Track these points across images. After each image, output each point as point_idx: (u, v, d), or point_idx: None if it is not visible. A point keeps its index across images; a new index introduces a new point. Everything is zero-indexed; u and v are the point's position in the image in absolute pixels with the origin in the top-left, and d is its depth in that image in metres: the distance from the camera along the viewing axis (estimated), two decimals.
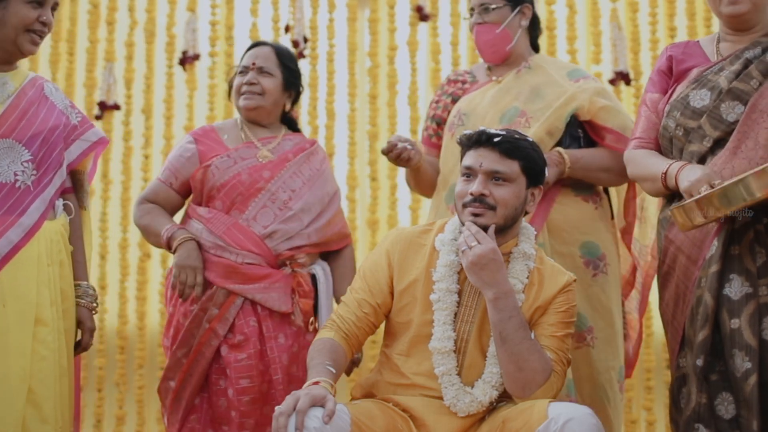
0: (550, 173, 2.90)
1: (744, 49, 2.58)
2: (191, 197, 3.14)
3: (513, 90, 3.10)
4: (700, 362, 2.42)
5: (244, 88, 3.13)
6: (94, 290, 2.78)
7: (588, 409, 2.35)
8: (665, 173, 2.55)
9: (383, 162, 4.67)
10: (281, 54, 3.19)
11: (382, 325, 2.68)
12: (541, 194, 2.64)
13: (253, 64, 3.13)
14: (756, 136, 2.44)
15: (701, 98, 2.55)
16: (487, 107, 3.08)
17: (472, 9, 3.17)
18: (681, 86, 2.63)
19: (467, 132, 2.63)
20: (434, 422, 2.47)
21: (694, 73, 2.63)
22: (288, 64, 3.19)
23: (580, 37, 4.71)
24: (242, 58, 3.21)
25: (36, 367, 2.51)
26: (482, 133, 2.57)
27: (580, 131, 3.11)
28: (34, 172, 2.62)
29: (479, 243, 2.42)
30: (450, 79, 3.30)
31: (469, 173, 2.56)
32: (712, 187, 2.33)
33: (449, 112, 3.22)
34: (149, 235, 3.11)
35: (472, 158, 2.56)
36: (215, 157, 3.05)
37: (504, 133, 2.57)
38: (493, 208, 2.52)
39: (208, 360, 2.95)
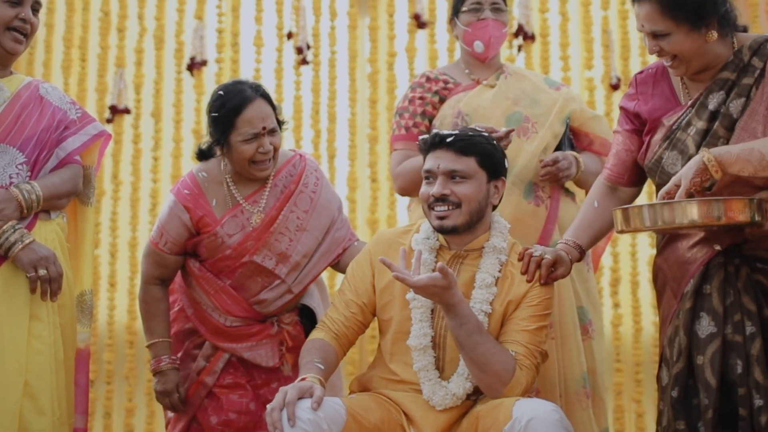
0: (571, 172, 3.05)
1: (707, 92, 2.50)
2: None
3: (510, 94, 3.16)
4: (674, 393, 2.46)
5: (261, 157, 2.86)
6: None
7: (551, 406, 2.39)
8: None
9: (383, 164, 4.78)
10: (271, 102, 2.92)
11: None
12: (504, 186, 2.67)
13: (264, 128, 2.83)
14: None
15: (673, 163, 2.52)
16: (490, 108, 3.12)
17: (478, 3, 3.19)
18: (654, 141, 2.59)
19: (423, 137, 2.68)
20: (421, 418, 2.53)
21: (664, 126, 2.57)
22: (275, 106, 2.93)
23: (572, 44, 4.81)
24: (239, 116, 2.82)
25: (32, 360, 2.56)
26: (436, 135, 2.62)
27: (570, 135, 3.21)
28: (29, 173, 2.66)
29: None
30: (430, 78, 3.23)
31: (429, 176, 2.61)
32: (667, 194, 2.35)
33: (438, 110, 3.20)
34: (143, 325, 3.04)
35: (430, 161, 2.62)
36: (205, 234, 2.91)
37: (457, 132, 2.64)
38: (459, 205, 2.57)
39: (200, 401, 2.94)
